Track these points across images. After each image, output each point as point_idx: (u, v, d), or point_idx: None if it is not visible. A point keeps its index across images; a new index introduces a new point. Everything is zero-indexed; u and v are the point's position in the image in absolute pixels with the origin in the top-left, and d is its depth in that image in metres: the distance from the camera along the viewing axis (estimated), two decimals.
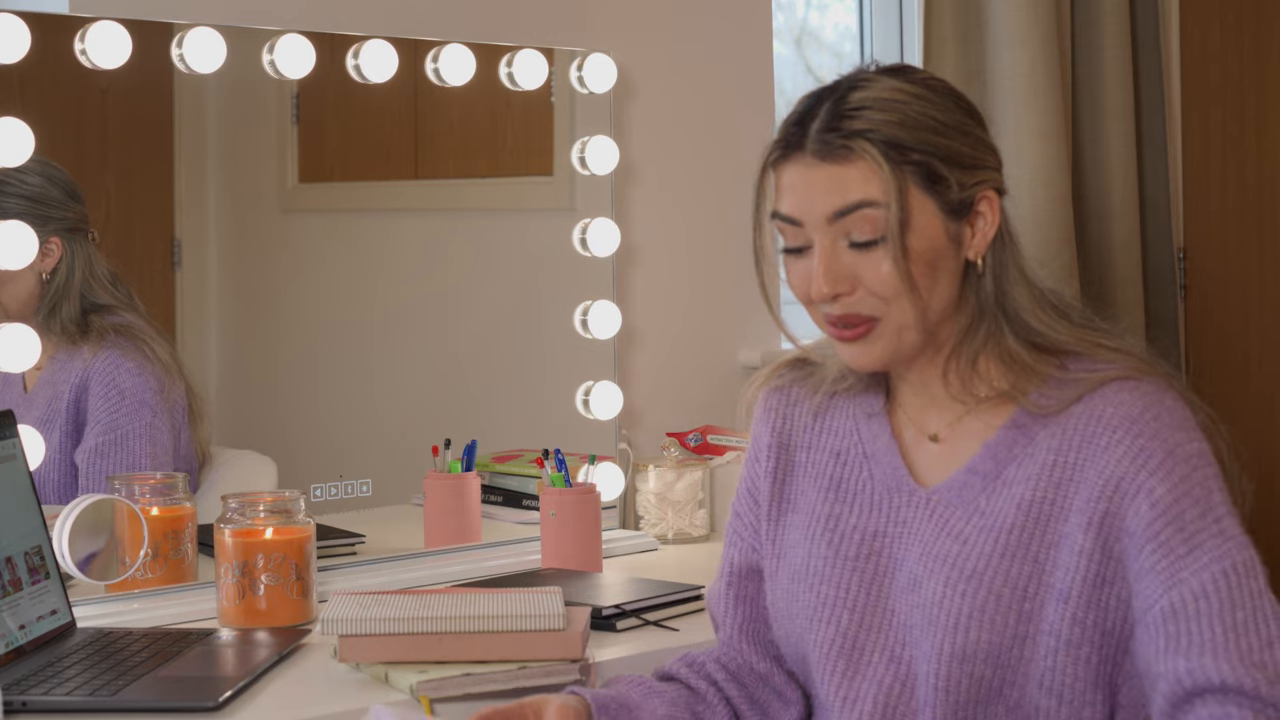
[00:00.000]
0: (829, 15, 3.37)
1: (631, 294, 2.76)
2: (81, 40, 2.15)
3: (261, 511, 2.03)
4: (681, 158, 2.84)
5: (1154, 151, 3.21)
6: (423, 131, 2.56)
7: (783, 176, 1.62)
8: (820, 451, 1.72)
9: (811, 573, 1.66)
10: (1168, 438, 1.55)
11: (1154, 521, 1.52)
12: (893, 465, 1.67)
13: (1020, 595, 1.56)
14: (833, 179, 1.57)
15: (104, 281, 2.24)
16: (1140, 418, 1.56)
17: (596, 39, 2.67)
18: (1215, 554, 1.51)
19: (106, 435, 2.22)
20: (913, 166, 1.56)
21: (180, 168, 2.35)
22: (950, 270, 1.60)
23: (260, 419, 2.45)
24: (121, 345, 2.24)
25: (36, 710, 1.68)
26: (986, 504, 1.60)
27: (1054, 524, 1.57)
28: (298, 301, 2.47)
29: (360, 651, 1.76)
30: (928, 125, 1.58)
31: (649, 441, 2.75)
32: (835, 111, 1.59)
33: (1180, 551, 1.51)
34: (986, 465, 1.61)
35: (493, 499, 2.55)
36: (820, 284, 1.57)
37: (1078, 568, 1.55)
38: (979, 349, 1.63)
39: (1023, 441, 1.60)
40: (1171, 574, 1.51)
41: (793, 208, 1.60)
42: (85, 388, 2.22)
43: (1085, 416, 1.58)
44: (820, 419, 1.73)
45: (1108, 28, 3.11)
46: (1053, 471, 1.58)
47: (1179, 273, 3.28)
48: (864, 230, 1.56)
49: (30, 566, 1.88)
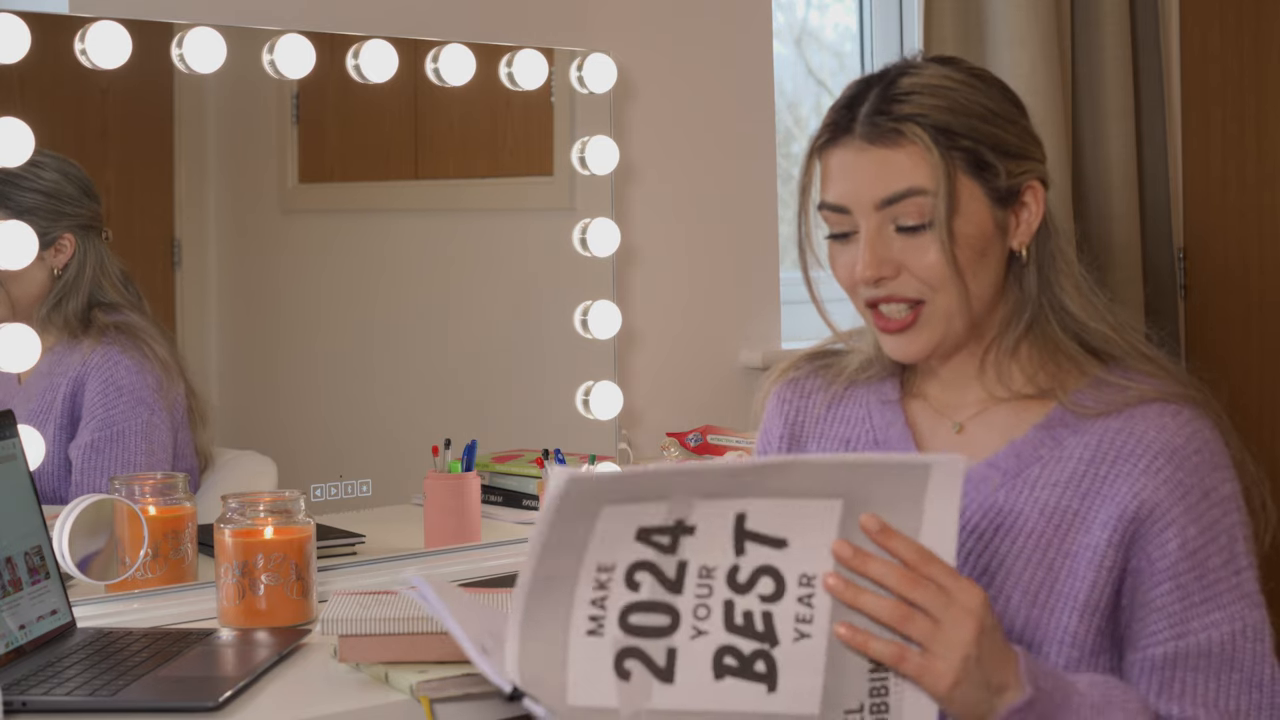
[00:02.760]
0: (829, 15, 3.37)
1: (631, 294, 2.76)
2: (81, 40, 2.15)
3: (261, 511, 2.03)
4: (681, 158, 2.84)
5: (1154, 151, 3.21)
6: (423, 131, 2.56)
7: (830, 162, 1.60)
8: (831, 441, 1.71)
9: None
10: (1206, 476, 1.54)
11: (1179, 562, 1.52)
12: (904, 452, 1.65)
13: (1030, 601, 1.55)
14: (881, 163, 1.56)
15: (115, 281, 2.24)
16: (1183, 450, 1.54)
17: (596, 39, 2.67)
18: (1229, 613, 1.51)
19: (102, 431, 2.22)
20: (961, 153, 1.56)
21: (180, 168, 2.35)
22: (996, 259, 1.60)
23: (260, 419, 2.45)
24: (121, 342, 2.25)
25: (36, 710, 1.68)
26: (1005, 501, 1.58)
27: (1074, 534, 1.55)
28: (298, 301, 2.47)
29: (360, 651, 1.76)
30: (976, 113, 1.57)
31: (649, 441, 2.75)
32: (885, 95, 1.58)
33: (1196, 600, 1.51)
34: (1008, 462, 1.60)
35: (493, 499, 2.55)
36: (865, 268, 1.56)
37: (1099, 581, 1.53)
38: (1020, 337, 1.62)
39: (1050, 444, 1.59)
40: (1182, 621, 1.51)
41: (840, 195, 1.59)
42: (82, 383, 2.22)
43: (1125, 433, 1.56)
44: (833, 409, 1.72)
45: (1108, 28, 3.11)
46: (1081, 481, 1.56)
47: (1179, 273, 3.29)
48: (911, 216, 1.56)
49: (30, 566, 1.88)
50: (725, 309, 2.89)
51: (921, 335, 1.59)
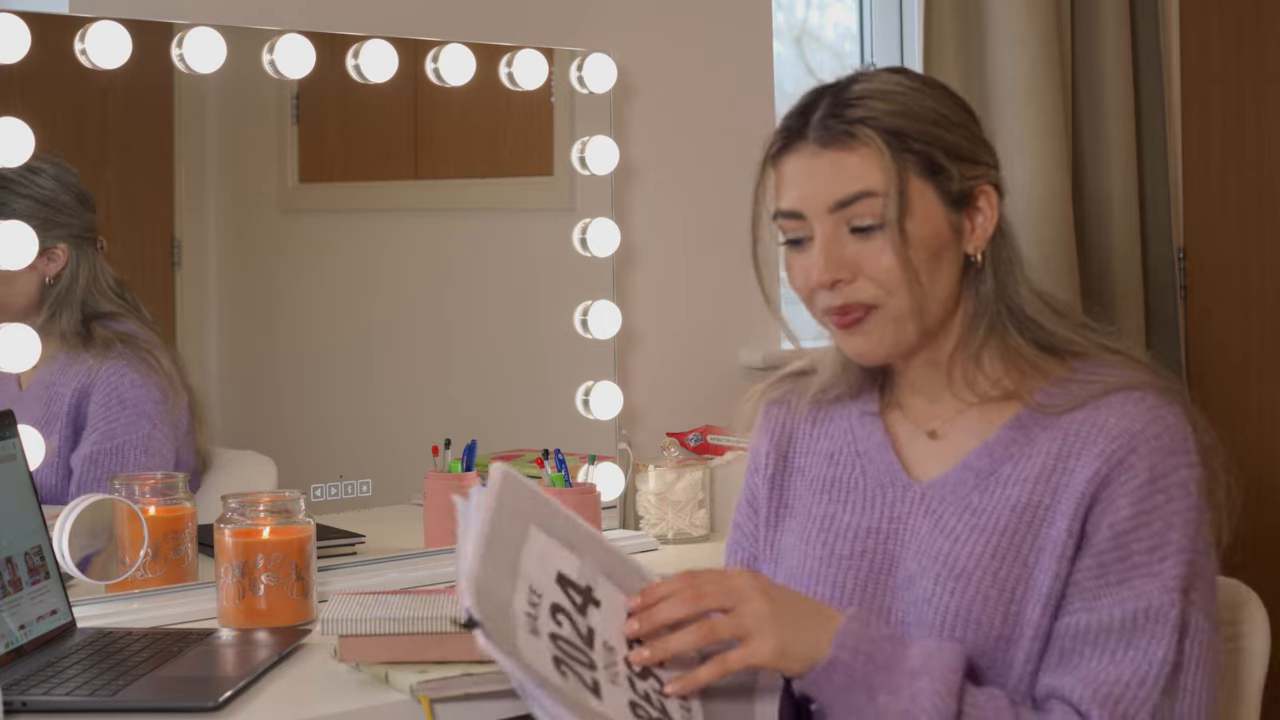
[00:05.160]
0: (829, 15, 3.37)
1: (631, 294, 2.76)
2: (81, 40, 2.15)
3: (261, 511, 2.03)
4: (681, 158, 2.84)
5: (1154, 152, 3.21)
6: (423, 131, 2.56)
7: (784, 169, 1.63)
8: (816, 456, 1.73)
9: (807, 573, 1.66)
10: (1159, 461, 1.54)
11: (1105, 539, 1.53)
12: (885, 461, 1.67)
13: (1007, 598, 1.56)
14: (834, 166, 1.58)
15: (108, 291, 2.24)
16: (1141, 434, 1.55)
17: (596, 39, 2.67)
18: (1138, 591, 1.52)
19: (104, 444, 2.22)
20: (913, 155, 1.58)
21: (180, 168, 2.35)
22: (951, 262, 1.61)
23: (260, 419, 2.45)
24: (127, 356, 2.25)
25: (36, 710, 1.68)
26: (979, 501, 1.60)
27: (1043, 527, 1.56)
28: (298, 302, 2.47)
29: (360, 651, 1.76)
30: (928, 117, 1.60)
31: (649, 441, 2.75)
32: (837, 100, 1.61)
33: (1112, 580, 1.53)
34: (982, 462, 1.61)
35: None
36: (820, 271, 1.58)
37: (1059, 573, 1.55)
38: (981, 345, 1.63)
39: (1021, 441, 1.60)
40: (1095, 598, 1.53)
41: (794, 201, 1.61)
42: (87, 394, 2.22)
43: (1089, 423, 1.57)
44: (818, 425, 1.74)
45: (1108, 28, 3.11)
46: (1050, 476, 1.57)
47: (1179, 273, 3.29)
48: (864, 217, 1.57)
49: (30, 566, 1.88)
50: (725, 309, 2.88)
51: (874, 336, 1.60)
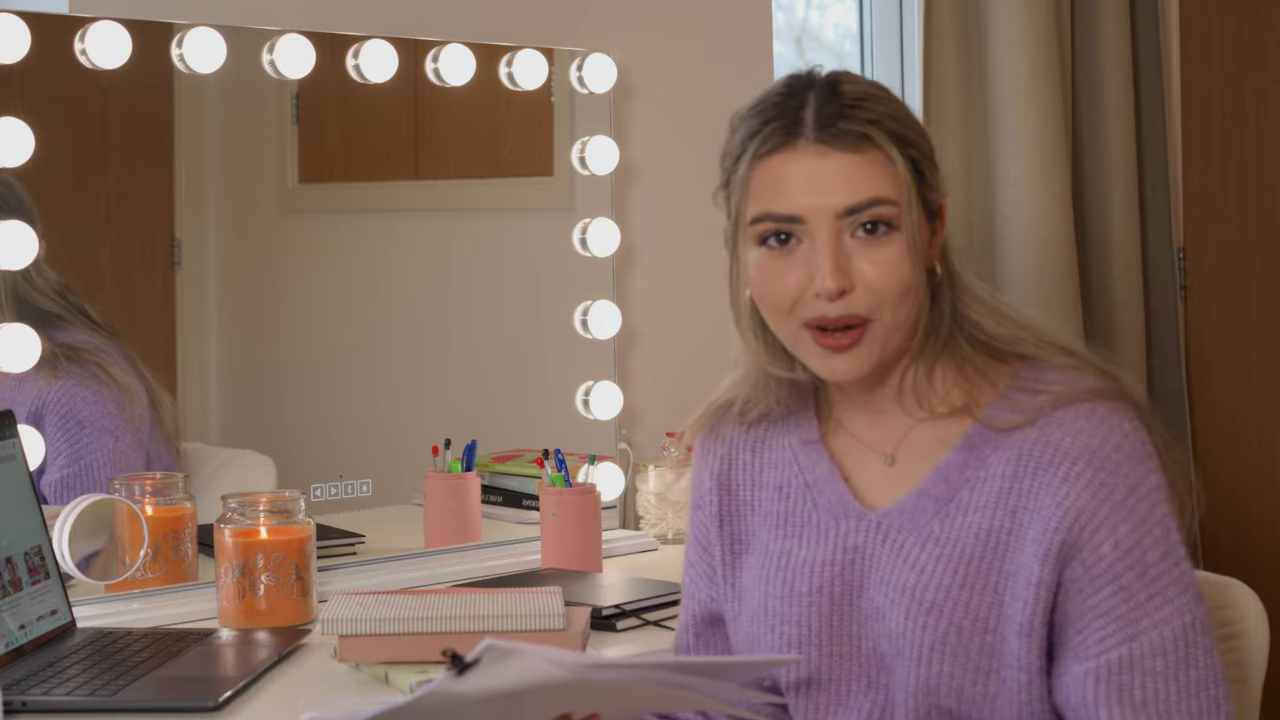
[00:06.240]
0: (829, 15, 3.37)
1: (631, 294, 2.76)
2: (81, 40, 2.15)
3: (261, 511, 2.03)
4: (681, 158, 2.84)
5: (1154, 151, 3.21)
6: (423, 131, 2.56)
7: (776, 170, 1.52)
8: (765, 488, 1.64)
9: (770, 613, 1.59)
10: (1130, 472, 1.49)
11: (1116, 563, 1.47)
12: (835, 492, 1.59)
13: (982, 627, 1.50)
14: (845, 169, 1.49)
15: (50, 294, 2.17)
16: (1101, 449, 1.49)
17: (596, 39, 2.67)
18: (1176, 606, 1.47)
19: (70, 467, 2.18)
20: (909, 162, 1.51)
21: (180, 168, 2.35)
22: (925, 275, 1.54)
23: (260, 419, 2.45)
24: (75, 374, 2.19)
25: (36, 710, 1.68)
26: (941, 530, 1.53)
27: (1010, 553, 1.50)
28: (298, 302, 2.47)
29: (360, 651, 1.76)
30: (912, 124, 1.53)
31: (649, 441, 2.75)
32: (832, 100, 1.51)
33: (1141, 598, 1.47)
34: (939, 488, 1.54)
35: (493, 499, 2.55)
36: (828, 279, 1.48)
37: (1036, 600, 1.48)
38: (935, 359, 1.56)
39: (974, 464, 1.53)
40: (1132, 622, 1.47)
41: (795, 203, 1.51)
42: (41, 416, 2.18)
43: (1041, 444, 1.50)
44: (758, 454, 1.65)
45: (1108, 28, 3.11)
46: (1008, 499, 1.51)
47: (1179, 273, 3.28)
48: (873, 225, 1.49)
49: (30, 566, 1.88)
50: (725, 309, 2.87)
51: (862, 354, 1.51)
